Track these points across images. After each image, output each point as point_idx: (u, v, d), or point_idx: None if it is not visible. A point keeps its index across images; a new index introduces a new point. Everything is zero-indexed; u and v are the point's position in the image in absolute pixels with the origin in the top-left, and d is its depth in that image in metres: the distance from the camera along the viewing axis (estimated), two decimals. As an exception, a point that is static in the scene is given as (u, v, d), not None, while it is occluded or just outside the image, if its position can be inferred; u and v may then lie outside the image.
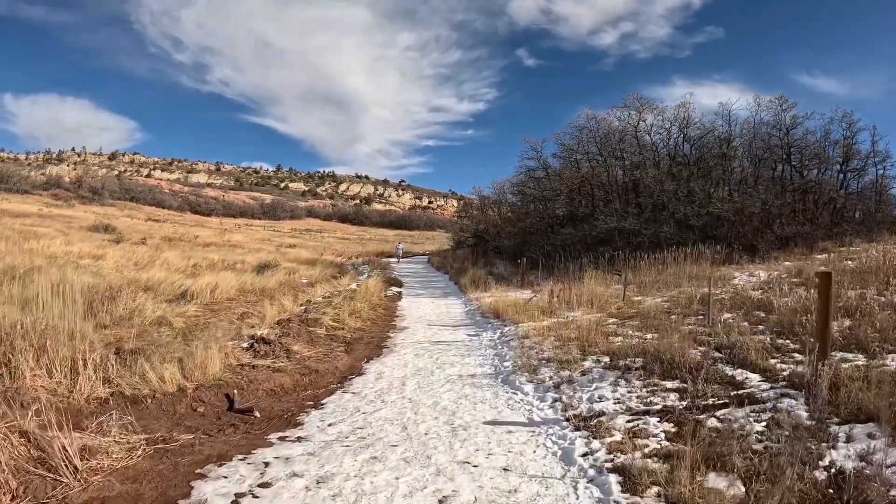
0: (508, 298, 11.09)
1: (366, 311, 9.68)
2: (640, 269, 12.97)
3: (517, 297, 11.48)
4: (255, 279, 13.21)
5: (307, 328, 7.72)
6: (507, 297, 11.55)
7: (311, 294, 11.57)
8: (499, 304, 9.26)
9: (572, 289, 9.60)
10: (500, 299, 10.62)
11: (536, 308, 8.92)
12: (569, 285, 11.74)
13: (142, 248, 19.61)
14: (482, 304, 10.41)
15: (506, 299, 10.52)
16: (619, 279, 10.47)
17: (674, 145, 17.72)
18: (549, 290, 10.14)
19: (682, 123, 17.44)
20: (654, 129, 17.83)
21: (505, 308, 8.82)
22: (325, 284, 14.23)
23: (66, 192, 71.63)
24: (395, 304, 11.95)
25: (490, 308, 9.59)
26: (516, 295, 11.89)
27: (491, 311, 9.35)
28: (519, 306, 9.25)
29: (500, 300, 10.12)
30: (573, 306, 8.48)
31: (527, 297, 11.49)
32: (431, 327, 8.60)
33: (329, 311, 8.76)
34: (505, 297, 11.55)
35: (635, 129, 18.21)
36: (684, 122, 17.39)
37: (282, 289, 12.77)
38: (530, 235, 21.83)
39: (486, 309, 9.75)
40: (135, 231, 30.16)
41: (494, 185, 30.13)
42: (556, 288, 11.07)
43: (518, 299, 10.95)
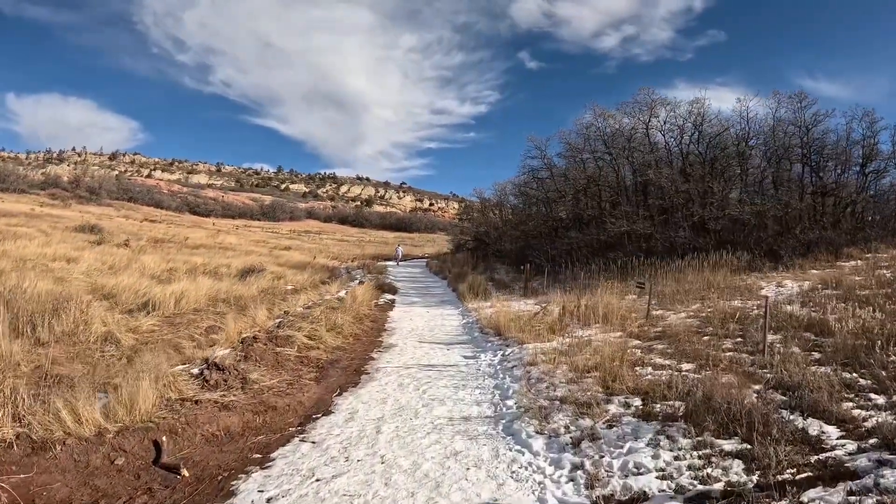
0: (511, 310, 9.96)
1: (349, 324, 8.56)
2: (657, 278, 11.83)
3: (520, 308, 10.34)
4: (234, 286, 12.10)
5: (275, 348, 6.59)
6: (509, 307, 10.42)
7: (292, 303, 10.46)
8: (500, 318, 8.13)
9: (583, 300, 8.47)
10: (501, 311, 9.50)
11: (544, 324, 7.79)
12: (578, 295, 10.61)
13: (122, 250, 18.54)
14: (481, 317, 9.28)
15: (508, 311, 9.40)
16: (637, 290, 9.32)
17: (687, 143, 16.59)
18: (558, 302, 9.02)
19: (696, 120, 16.32)
20: (666, 126, 16.71)
21: (507, 323, 7.68)
22: (312, 291, 13.12)
23: (63, 192, 70.92)
24: (385, 314, 10.83)
25: (490, 322, 8.46)
26: (519, 306, 10.76)
27: (491, 325, 8.22)
28: (523, 321, 8.11)
29: (502, 312, 8.99)
30: (586, 322, 7.35)
31: (530, 307, 10.36)
32: (422, 345, 7.47)
33: (305, 325, 7.64)
34: (507, 307, 10.41)
35: (646, 127, 17.09)
36: (699, 118, 16.27)
37: (261, 297, 11.66)
38: (533, 239, 20.71)
39: (485, 323, 8.62)
40: (123, 232, 29.12)
41: (496, 187, 29.07)
42: (565, 299, 9.95)
43: (521, 311, 9.81)
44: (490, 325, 8.31)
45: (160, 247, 23.61)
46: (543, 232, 20.81)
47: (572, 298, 10.62)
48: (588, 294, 10.54)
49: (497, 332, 7.61)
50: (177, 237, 29.97)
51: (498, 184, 28.90)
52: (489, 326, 8.25)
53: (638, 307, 8.64)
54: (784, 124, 16.25)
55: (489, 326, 8.25)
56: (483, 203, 30.85)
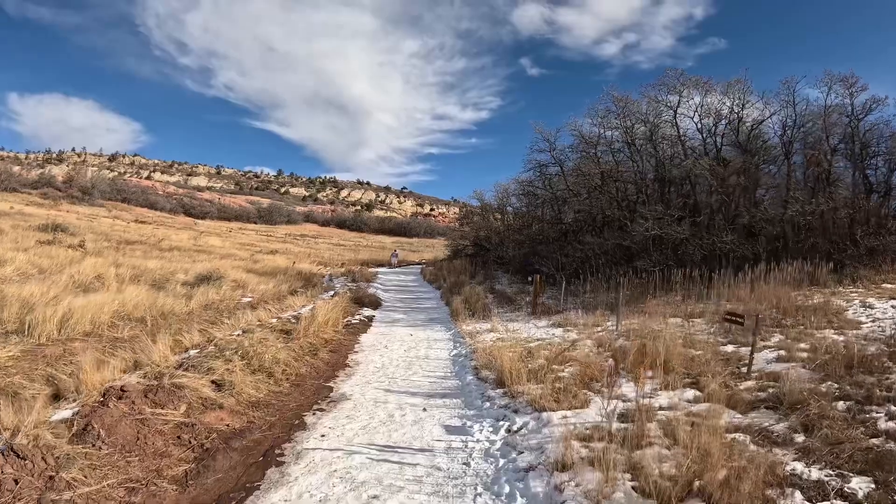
0: (517, 337, 7.49)
1: (294, 359, 6.10)
2: (707, 294, 9.36)
3: (530, 334, 7.86)
4: (172, 298, 9.67)
5: (148, 409, 4.15)
6: (514, 333, 7.94)
7: (232, 324, 8.02)
8: (504, 353, 5.66)
9: (623, 327, 5.98)
10: (504, 340, 7.04)
11: (569, 365, 5.32)
12: (604, 317, 8.15)
13: (70, 251, 16.15)
14: (478, 347, 6.80)
15: (513, 339, 6.94)
16: (724, 321, 6.89)
17: (723, 132, 14.16)
18: (582, 328, 6.54)
19: (736, 103, 13.89)
20: (700, 111, 14.26)
21: (514, 364, 5.19)
22: (272, 305, 10.68)
23: (55, 192, 69.15)
24: (355, 338, 8.37)
25: (489, 358, 5.99)
26: (528, 330, 8.28)
27: (491, 364, 5.74)
28: (537, 359, 5.65)
29: (506, 342, 6.54)
30: (637, 366, 4.87)
31: (543, 333, 7.87)
32: (388, 399, 5.00)
33: (219, 364, 5.19)
34: (512, 333, 7.93)
35: (674, 113, 14.67)
36: (739, 102, 13.85)
37: (199, 314, 9.23)
38: (540, 245, 18.24)
39: (482, 358, 6.14)
40: (94, 232, 26.79)
41: (497, 188, 26.66)
42: (591, 323, 7.50)
43: (532, 340, 7.33)
44: (489, 363, 5.83)
45: (125, 249, 21.25)
46: (551, 236, 18.36)
47: (597, 320, 8.14)
48: (621, 316, 8.08)
49: (500, 379, 5.12)
50: (151, 238, 27.60)
51: (500, 185, 26.50)
52: (488, 366, 5.77)
53: (710, 343, 6.17)
54: (832, 113, 13.82)
55: (488, 366, 5.77)
56: (483, 206, 28.43)
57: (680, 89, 14.79)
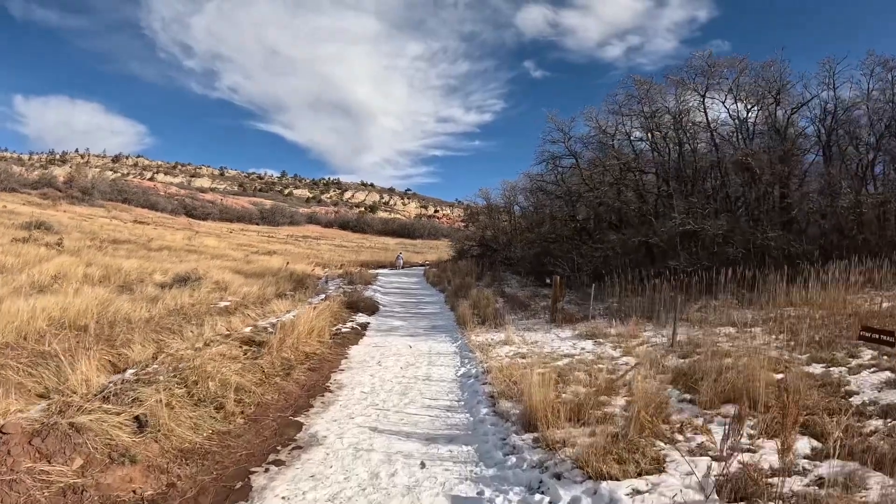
0: (539, 352, 6.13)
1: (258, 382, 4.77)
2: (770, 300, 7.97)
3: (555, 347, 6.50)
4: (125, 303, 8.36)
5: (36, 461, 2.83)
6: (535, 346, 6.58)
7: (199, 332, 6.71)
8: (526, 378, 4.28)
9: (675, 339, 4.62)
10: (524, 356, 5.69)
11: (620, 394, 3.96)
12: (639, 325, 6.81)
13: (43, 249, 14.94)
14: (491, 366, 5.43)
15: (536, 357, 5.58)
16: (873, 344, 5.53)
17: (763, 117, 12.78)
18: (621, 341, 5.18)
19: (771, 87, 12.50)
20: (738, 90, 12.87)
21: (546, 395, 3.81)
22: (253, 310, 9.37)
23: (55, 192, 68.65)
24: (344, 351, 7.04)
25: (509, 383, 4.63)
26: (551, 342, 6.91)
27: (512, 393, 4.38)
28: (570, 382, 4.29)
29: (528, 359, 5.19)
30: (715, 401, 3.49)
31: (570, 346, 6.50)
32: (372, 447, 3.60)
33: (149, 393, 3.87)
34: (533, 347, 6.58)
35: (702, 98, 13.28)
36: (775, 85, 12.46)
37: (165, 319, 7.91)
38: (553, 244, 16.87)
39: (499, 383, 4.78)
40: (80, 231, 25.67)
41: (504, 186, 25.29)
42: (629, 334, 6.15)
43: (558, 354, 5.97)
44: (509, 390, 4.46)
45: (109, 248, 20.05)
46: (566, 234, 16.98)
47: (633, 330, 6.77)
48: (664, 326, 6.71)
49: (526, 416, 3.75)
50: (142, 238, 26.43)
51: (507, 182, 25.13)
52: (508, 394, 4.40)
53: (786, 361, 4.79)
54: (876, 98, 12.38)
55: (508, 394, 4.40)
56: (490, 205, 27.06)
57: (709, 72, 13.44)
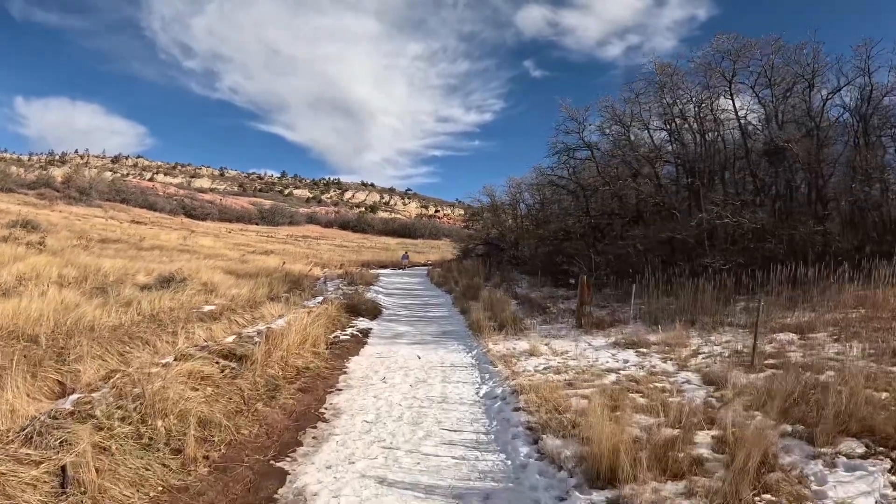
0: (575, 365, 5.15)
1: (226, 416, 3.78)
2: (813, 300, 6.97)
3: (591, 359, 5.50)
4: (91, 307, 7.37)
5: None
6: (569, 359, 5.59)
7: (173, 342, 5.73)
8: (569, 402, 3.30)
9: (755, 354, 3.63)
10: (559, 371, 4.71)
11: (701, 425, 2.98)
12: (683, 330, 5.86)
13: (20, 249, 13.98)
14: (522, 384, 4.44)
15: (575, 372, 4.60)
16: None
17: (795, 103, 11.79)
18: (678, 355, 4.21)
19: (805, 70, 11.53)
20: (760, 80, 11.91)
21: (615, 435, 2.83)
22: (241, 315, 8.38)
23: (52, 192, 67.93)
24: (341, 363, 6.05)
25: (549, 411, 3.64)
26: (584, 352, 5.91)
27: (555, 423, 3.39)
28: (626, 408, 3.31)
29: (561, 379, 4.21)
30: (834, 440, 2.49)
31: (608, 358, 5.51)
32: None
33: (83, 434, 2.88)
34: (564, 359, 5.59)
35: (730, 84, 12.30)
36: (808, 68, 11.48)
37: (137, 327, 6.92)
38: (565, 242, 15.88)
39: (537, 411, 3.76)
40: (70, 230, 24.71)
41: (510, 183, 24.27)
42: (673, 338, 5.20)
43: (598, 368, 4.97)
44: (552, 420, 3.46)
45: (97, 248, 19.09)
46: (579, 232, 16.00)
47: (678, 337, 5.78)
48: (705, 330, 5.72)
49: (592, 465, 2.75)
50: (134, 237, 25.46)
51: (513, 179, 24.11)
52: (552, 426, 3.40)
53: (881, 374, 3.80)
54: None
55: (552, 426, 3.40)
56: (494, 203, 26.04)
57: (736, 55, 12.46)
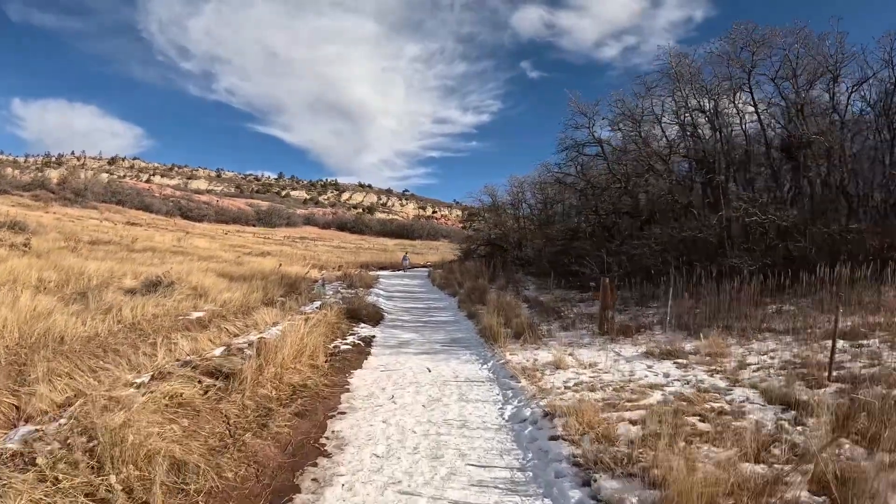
0: (613, 382, 4.53)
1: (202, 456, 3.13)
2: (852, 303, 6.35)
3: (626, 373, 4.86)
4: (66, 316, 6.70)
5: None
6: (601, 373, 4.96)
7: (153, 355, 5.07)
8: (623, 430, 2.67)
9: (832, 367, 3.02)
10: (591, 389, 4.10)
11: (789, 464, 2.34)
12: (721, 337, 5.26)
13: (4, 251, 13.27)
14: (555, 407, 3.81)
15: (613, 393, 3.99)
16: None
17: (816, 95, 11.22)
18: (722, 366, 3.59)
19: (828, 61, 10.95)
20: (782, 71, 11.32)
21: (696, 477, 2.24)
22: (233, 322, 7.72)
23: (48, 194, 67.25)
24: (343, 378, 5.40)
25: (596, 439, 3.03)
26: (616, 365, 5.27)
27: (607, 457, 2.79)
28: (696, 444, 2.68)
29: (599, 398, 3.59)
30: None
31: (645, 371, 4.87)
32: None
33: (19, 490, 2.23)
34: (596, 372, 4.96)
35: (748, 75, 11.71)
36: (832, 59, 10.90)
37: (114, 337, 6.25)
38: (574, 242, 15.27)
39: (581, 440, 3.15)
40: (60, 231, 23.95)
41: (512, 182, 23.67)
42: (711, 347, 4.59)
43: (639, 383, 4.34)
44: (603, 452, 2.84)
45: (86, 249, 18.36)
46: (587, 231, 15.39)
47: (715, 346, 5.15)
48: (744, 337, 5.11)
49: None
50: (126, 239, 24.73)
51: (514, 178, 23.50)
52: (604, 461, 2.77)
53: None
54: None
55: (604, 461, 2.77)
56: (495, 202, 25.41)
57: (755, 45, 11.88)
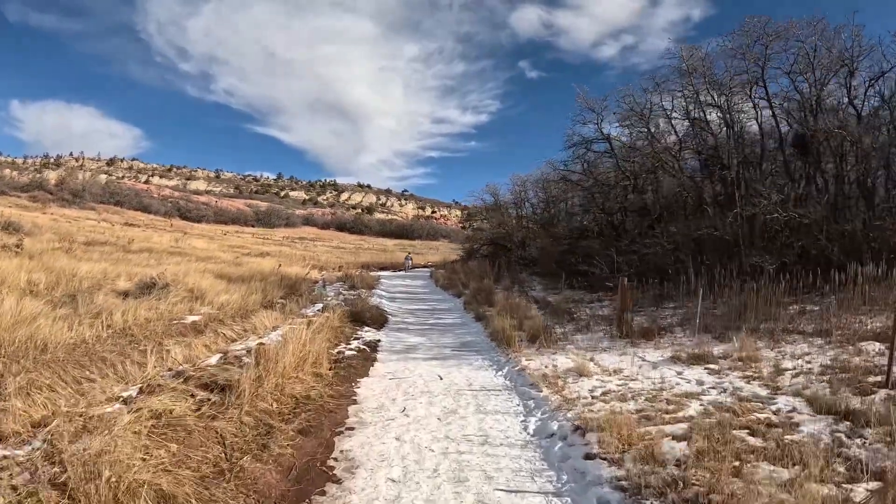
0: (643, 390, 4.15)
1: (193, 490, 2.74)
2: None
3: (655, 380, 4.48)
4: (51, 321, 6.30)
5: None
6: (629, 380, 4.58)
7: (144, 363, 4.68)
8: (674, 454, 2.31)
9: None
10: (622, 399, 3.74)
11: None
12: (751, 340, 4.89)
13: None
14: (586, 420, 3.43)
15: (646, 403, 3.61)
16: None
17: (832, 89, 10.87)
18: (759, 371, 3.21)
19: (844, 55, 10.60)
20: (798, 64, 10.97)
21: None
22: (231, 326, 7.33)
23: (45, 195, 66.94)
24: (349, 388, 5.01)
25: (642, 460, 2.66)
26: (642, 371, 4.89)
27: (658, 480, 2.42)
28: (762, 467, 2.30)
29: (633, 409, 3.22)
30: None
31: (676, 378, 4.49)
32: None
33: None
34: (622, 379, 4.57)
35: (762, 69, 11.35)
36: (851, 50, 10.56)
37: (103, 344, 5.86)
38: (581, 241, 14.89)
39: (621, 459, 2.79)
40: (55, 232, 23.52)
41: (514, 181, 23.31)
42: (743, 351, 4.22)
43: (672, 392, 3.96)
44: (652, 475, 2.46)
45: (81, 250, 17.93)
46: (595, 230, 15.02)
47: (746, 350, 4.78)
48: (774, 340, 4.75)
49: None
50: (122, 240, 24.32)
51: (517, 176, 23.14)
52: (663, 490, 2.39)
53: None
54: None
55: (663, 490, 2.39)
56: (498, 201, 25.04)
57: (767, 40, 11.52)
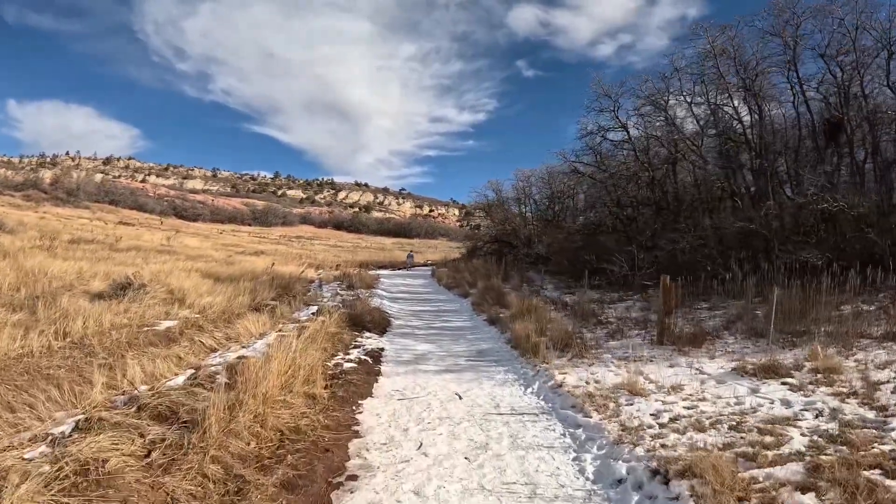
0: (721, 416, 3.20)
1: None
2: None
3: (726, 396, 3.54)
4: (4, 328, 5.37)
5: None
6: (697, 402, 3.65)
7: (92, 383, 3.75)
8: None
9: None
10: (700, 428, 2.80)
11: None
12: (821, 349, 3.91)
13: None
14: (665, 462, 2.56)
15: (728, 435, 2.69)
16: None
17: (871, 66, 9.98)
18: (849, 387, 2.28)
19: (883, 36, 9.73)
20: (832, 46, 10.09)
21: None
22: (212, 333, 6.39)
23: (40, 193, 65.94)
24: (349, 415, 4.08)
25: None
26: (705, 388, 3.97)
27: None
28: None
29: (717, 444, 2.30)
30: None
31: (754, 399, 3.57)
32: None
33: None
34: (686, 400, 3.64)
35: (793, 53, 10.46)
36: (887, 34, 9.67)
37: (45, 361, 4.93)
38: (595, 237, 13.99)
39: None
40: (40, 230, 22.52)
41: (518, 176, 22.39)
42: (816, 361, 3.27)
43: (765, 419, 3.04)
44: None
45: (63, 248, 16.95)
46: (611, 225, 14.11)
47: (820, 358, 3.86)
48: (846, 346, 3.85)
49: None
50: (110, 238, 23.34)
51: (520, 172, 22.22)
52: None
53: None
54: None
55: None
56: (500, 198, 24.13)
57: (798, 21, 10.65)
